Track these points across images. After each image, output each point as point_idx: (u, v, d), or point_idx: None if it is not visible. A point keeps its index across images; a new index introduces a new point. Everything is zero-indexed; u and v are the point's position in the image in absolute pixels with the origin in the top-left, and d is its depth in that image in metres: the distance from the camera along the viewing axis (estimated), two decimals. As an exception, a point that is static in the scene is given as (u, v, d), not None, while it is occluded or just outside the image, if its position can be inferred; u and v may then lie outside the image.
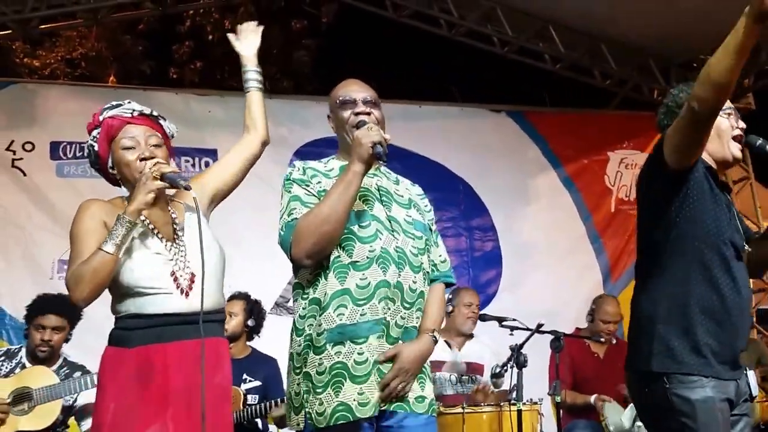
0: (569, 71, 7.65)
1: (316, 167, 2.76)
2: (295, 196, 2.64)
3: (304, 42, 11.98)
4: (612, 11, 6.80)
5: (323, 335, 2.51)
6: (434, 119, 7.33)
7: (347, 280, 2.54)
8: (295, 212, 2.59)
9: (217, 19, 11.32)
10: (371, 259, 2.56)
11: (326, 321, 2.52)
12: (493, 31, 7.34)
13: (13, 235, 6.25)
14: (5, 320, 6.07)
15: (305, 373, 2.54)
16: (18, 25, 6.77)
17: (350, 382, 2.47)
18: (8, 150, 6.38)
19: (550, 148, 7.50)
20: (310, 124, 7.00)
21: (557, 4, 6.91)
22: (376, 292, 2.53)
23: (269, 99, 7.25)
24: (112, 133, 2.65)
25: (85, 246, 2.51)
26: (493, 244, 7.24)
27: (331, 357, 2.50)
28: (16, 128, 6.46)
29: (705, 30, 6.80)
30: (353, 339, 2.50)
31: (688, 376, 2.45)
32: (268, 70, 11.56)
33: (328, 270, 2.56)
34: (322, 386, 2.48)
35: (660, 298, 2.56)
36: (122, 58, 11.51)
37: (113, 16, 7.59)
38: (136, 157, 2.61)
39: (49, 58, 11.21)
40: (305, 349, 2.55)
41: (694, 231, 2.52)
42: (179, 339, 2.55)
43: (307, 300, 2.60)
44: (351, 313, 2.51)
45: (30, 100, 6.62)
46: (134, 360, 2.51)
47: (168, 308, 2.54)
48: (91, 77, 11.03)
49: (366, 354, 2.50)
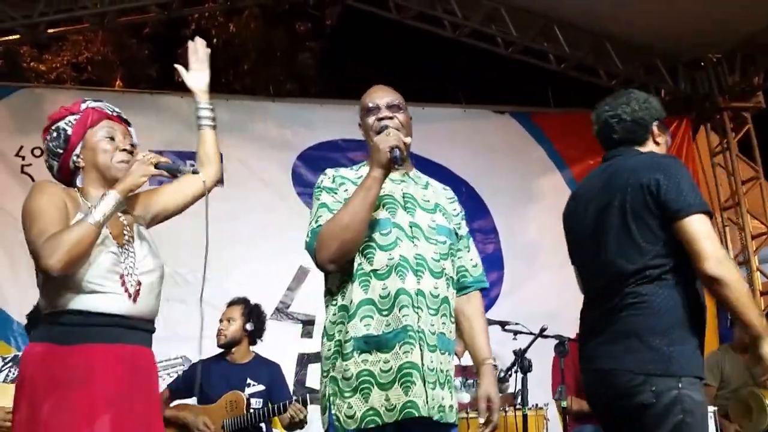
0: (574, 71, 7.63)
1: (345, 175, 2.81)
2: (323, 204, 2.70)
3: (308, 44, 11.98)
4: (617, 9, 6.78)
5: (350, 342, 2.58)
6: (437, 121, 7.29)
7: (370, 289, 2.61)
8: (321, 219, 2.65)
9: (222, 22, 11.35)
10: (390, 268, 2.62)
11: (353, 329, 2.59)
12: (497, 31, 7.32)
13: (20, 241, 6.18)
14: (12, 326, 6.09)
15: (332, 377, 2.62)
16: (26, 29, 6.81)
17: (377, 388, 2.55)
18: (18, 156, 6.41)
19: (555, 149, 7.46)
20: (314, 127, 7.02)
21: (561, 2, 6.89)
22: (396, 300, 2.59)
23: (273, 102, 7.38)
24: (90, 122, 2.70)
25: (49, 219, 2.49)
26: (495, 247, 7.18)
27: (358, 364, 2.57)
28: (25, 133, 6.46)
29: (713, 28, 6.83)
30: (379, 349, 2.57)
31: (696, 379, 2.64)
32: (273, 73, 11.59)
33: (353, 277, 2.63)
34: (350, 391, 2.56)
35: (669, 305, 2.67)
36: (128, 62, 11.53)
37: (119, 20, 7.62)
38: (113, 147, 2.67)
39: (55, 62, 11.23)
40: (334, 353, 2.63)
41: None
42: (121, 342, 2.54)
43: (336, 306, 2.67)
44: (377, 323, 2.59)
45: (39, 105, 6.60)
46: (72, 358, 2.47)
47: (115, 309, 2.53)
48: (97, 81, 11.06)
49: (391, 362, 2.56)
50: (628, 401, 2.65)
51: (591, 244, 2.89)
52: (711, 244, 2.61)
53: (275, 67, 11.70)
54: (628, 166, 2.85)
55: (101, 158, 2.67)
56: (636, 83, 7.68)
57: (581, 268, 3.04)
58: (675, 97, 7.82)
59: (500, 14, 7.10)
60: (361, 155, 6.93)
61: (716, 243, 2.65)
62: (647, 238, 2.70)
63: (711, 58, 7.56)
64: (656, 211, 2.68)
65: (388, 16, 7.43)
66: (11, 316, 6.12)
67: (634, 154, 2.93)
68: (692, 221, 2.62)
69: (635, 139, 2.99)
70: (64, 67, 11.24)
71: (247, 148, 6.91)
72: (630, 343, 2.67)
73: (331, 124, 7.06)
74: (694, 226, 2.62)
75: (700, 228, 2.62)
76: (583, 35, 7.31)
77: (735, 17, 6.60)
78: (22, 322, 5.83)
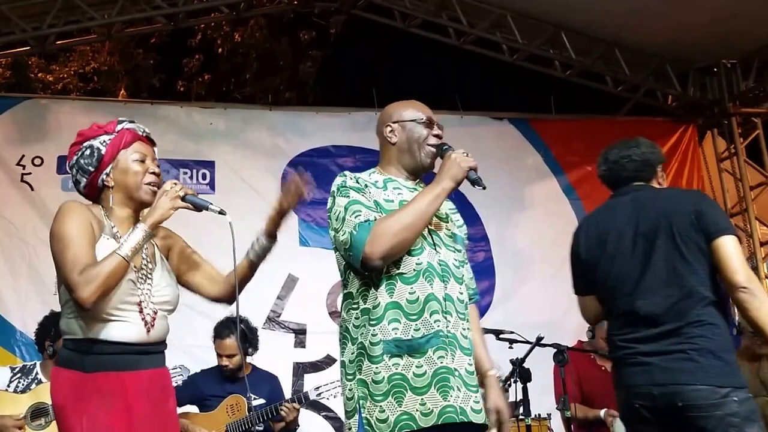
0: (580, 78, 7.60)
1: (365, 179, 2.81)
2: (356, 200, 2.68)
3: (311, 53, 12.01)
4: (629, 17, 6.74)
5: (379, 345, 2.56)
6: (434, 128, 7.23)
7: (396, 293, 2.61)
8: (361, 215, 2.63)
9: (227, 32, 11.40)
10: (418, 272, 2.64)
11: (382, 332, 2.58)
12: (503, 38, 7.31)
13: (19, 250, 6.28)
14: (15, 336, 6.08)
15: (360, 380, 2.59)
16: (36, 41, 6.88)
17: (411, 393, 2.53)
18: (18, 165, 6.44)
19: (553, 155, 7.38)
20: (307, 134, 7.01)
21: (569, 10, 6.86)
22: (426, 306, 2.61)
23: (270, 111, 7.39)
24: (124, 143, 2.72)
25: (80, 247, 2.53)
26: (485, 255, 7.10)
27: (389, 368, 2.55)
28: (27, 143, 6.52)
29: (725, 33, 6.79)
30: (410, 353, 2.56)
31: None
32: (274, 81, 11.62)
33: (378, 281, 2.63)
34: (382, 395, 2.54)
35: (724, 323, 3.01)
36: (133, 72, 11.59)
37: (126, 31, 7.66)
38: (143, 169, 2.71)
39: (62, 73, 11.29)
40: (358, 357, 2.60)
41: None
42: (136, 369, 2.61)
43: (358, 310, 2.65)
44: (404, 327, 2.58)
45: (42, 115, 6.68)
46: (94, 385, 2.54)
47: (131, 338, 2.59)
48: (102, 91, 11.13)
49: (425, 367, 2.56)
50: (712, 412, 2.86)
51: (633, 269, 3.11)
52: (742, 261, 3.01)
53: (277, 76, 11.74)
54: (665, 196, 3.23)
55: (131, 180, 2.70)
56: (643, 89, 7.66)
57: (614, 291, 3.19)
58: (683, 104, 7.77)
59: (506, 21, 7.08)
60: (351, 161, 7.01)
61: (745, 261, 3.05)
62: (698, 260, 3.00)
63: (725, 64, 7.52)
64: (700, 235, 3.01)
65: (394, 25, 7.43)
66: (14, 325, 6.11)
67: (658, 189, 3.30)
68: (726, 241, 2.99)
69: (643, 178, 3.32)
70: (71, 78, 11.29)
71: (239, 155, 6.95)
72: (707, 360, 2.91)
73: (323, 131, 7.07)
74: (728, 244, 2.98)
75: (733, 247, 2.99)
76: (590, 42, 7.28)
77: (751, 23, 6.57)
78: (25, 331, 5.86)
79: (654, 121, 7.78)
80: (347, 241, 2.61)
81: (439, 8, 7.16)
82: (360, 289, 2.66)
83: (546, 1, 6.84)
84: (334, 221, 2.70)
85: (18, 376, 4.50)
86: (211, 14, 8.04)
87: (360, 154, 6.88)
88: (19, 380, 4.48)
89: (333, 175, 2.88)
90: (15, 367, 4.66)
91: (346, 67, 11.97)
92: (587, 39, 7.25)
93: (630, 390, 3.10)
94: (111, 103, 7.91)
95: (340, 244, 2.66)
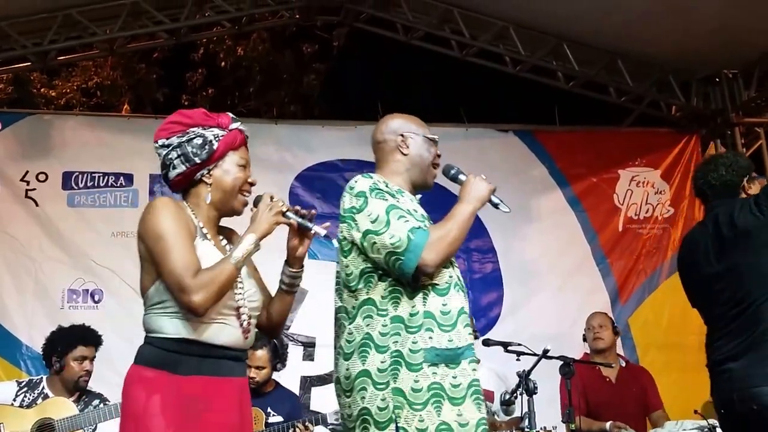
0: (583, 89, 7.60)
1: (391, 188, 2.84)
2: (395, 206, 2.71)
3: (314, 66, 12.03)
4: (631, 28, 6.73)
5: (419, 353, 2.58)
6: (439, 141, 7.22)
7: (429, 303, 2.65)
8: (409, 221, 2.66)
9: (230, 45, 11.42)
10: (449, 285, 2.73)
11: (422, 340, 2.60)
12: (506, 50, 7.32)
13: (25, 265, 6.29)
14: (21, 349, 6.08)
15: (395, 389, 2.58)
16: (37, 57, 6.90)
17: (449, 403, 2.56)
18: (22, 181, 6.44)
19: (557, 166, 7.34)
20: (313, 149, 7.00)
21: (571, 21, 6.85)
22: (459, 318, 2.67)
23: (276, 124, 7.38)
24: (235, 144, 2.67)
25: (186, 248, 2.43)
26: (493, 266, 7.07)
27: (428, 377, 2.58)
28: (31, 159, 6.53)
29: (727, 43, 6.79)
30: (447, 363, 2.60)
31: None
32: (278, 95, 11.63)
33: (409, 288, 2.65)
34: (421, 404, 2.56)
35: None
36: (137, 86, 11.61)
37: (128, 47, 7.68)
38: (244, 176, 2.66)
39: (65, 88, 11.31)
40: (393, 365, 2.59)
41: None
42: (232, 375, 2.54)
43: (387, 317, 2.64)
44: (438, 337, 2.62)
45: (45, 131, 6.69)
46: (187, 388, 2.42)
47: (231, 342, 2.51)
48: (105, 106, 11.13)
49: (460, 378, 2.60)
50: None
51: (720, 281, 3.30)
52: None
53: (281, 89, 11.76)
54: (736, 211, 3.38)
55: (231, 184, 2.63)
56: (646, 99, 7.66)
57: (704, 303, 3.45)
58: (686, 114, 7.77)
59: (509, 33, 7.09)
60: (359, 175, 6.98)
61: None
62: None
63: (727, 74, 7.51)
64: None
65: (396, 38, 7.45)
66: (20, 339, 6.10)
67: (732, 202, 3.42)
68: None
69: (727, 196, 3.48)
70: (74, 93, 11.31)
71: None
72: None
73: (330, 144, 7.06)
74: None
75: None
76: (593, 53, 7.28)
77: (753, 34, 6.56)
78: (32, 345, 5.87)
79: (658, 132, 7.77)
80: (400, 245, 2.59)
81: (441, 21, 7.17)
82: (388, 296, 2.65)
83: (548, 13, 6.83)
84: (368, 222, 2.67)
85: (24, 391, 4.51)
86: (213, 28, 8.05)
87: (368, 168, 6.77)
88: (25, 395, 4.49)
89: (341, 189, 2.88)
90: (21, 382, 4.68)
91: (350, 79, 11.98)
92: (590, 50, 7.25)
93: (716, 397, 3.27)
94: (115, 118, 7.95)
95: (381, 247, 2.63)
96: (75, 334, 4.65)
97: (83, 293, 6.26)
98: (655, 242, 7.22)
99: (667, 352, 6.75)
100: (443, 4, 7.03)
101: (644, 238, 7.23)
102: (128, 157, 6.60)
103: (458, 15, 7.03)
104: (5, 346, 6.07)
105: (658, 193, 7.38)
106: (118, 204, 6.53)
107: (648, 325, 6.96)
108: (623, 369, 5.32)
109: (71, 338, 4.59)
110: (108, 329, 5.09)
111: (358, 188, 2.77)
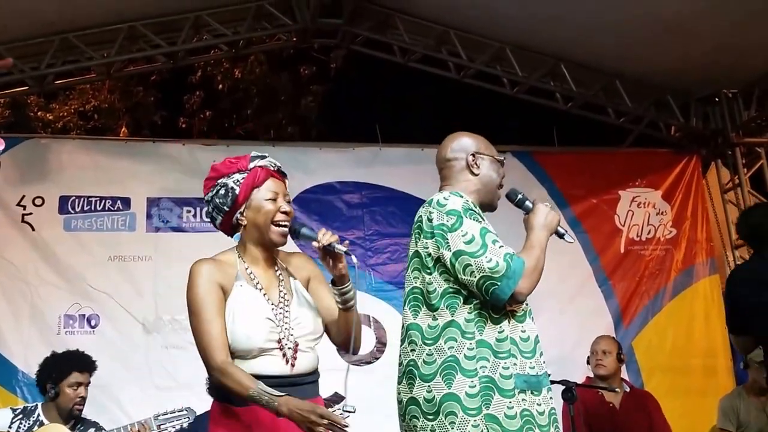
0: (582, 110, 7.59)
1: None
2: (488, 229, 2.73)
3: (311, 88, 12.06)
4: (628, 49, 6.75)
5: (510, 379, 2.59)
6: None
7: (510, 329, 2.67)
8: (502, 247, 2.68)
9: (227, 68, 11.45)
10: (525, 312, 2.75)
11: (512, 366, 2.60)
12: (503, 71, 7.31)
13: (21, 290, 6.22)
14: (17, 376, 6.00)
15: (488, 415, 2.57)
16: (34, 81, 6.88)
17: (538, 430, 2.60)
18: (19, 205, 6.38)
19: (557, 188, 7.27)
20: (311, 170, 6.94)
21: (568, 42, 6.87)
22: (536, 345, 2.70)
23: (273, 147, 7.35)
24: (257, 182, 2.77)
25: (209, 322, 2.60)
26: (495, 289, 7.04)
27: (520, 403, 2.60)
28: (27, 183, 6.47)
29: (726, 63, 6.79)
30: (532, 390, 2.62)
31: None
32: (275, 117, 11.64)
33: (494, 314, 2.66)
34: (515, 431, 2.55)
35: None
36: (134, 109, 11.62)
37: (126, 70, 7.67)
38: (275, 208, 2.76)
39: (62, 111, 11.32)
40: (484, 390, 2.58)
41: None
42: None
43: (472, 341, 2.62)
44: (521, 364, 2.63)
45: (42, 155, 6.63)
46: (244, 417, 2.60)
47: (273, 371, 2.61)
48: (103, 129, 11.15)
49: (543, 406, 2.64)
50: None
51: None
52: None
53: (278, 111, 11.78)
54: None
55: (261, 219, 2.75)
56: (645, 120, 7.65)
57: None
58: (686, 134, 7.76)
59: (506, 54, 7.09)
60: (357, 197, 6.98)
61: None
62: None
63: (726, 94, 7.51)
64: None
65: (394, 60, 7.45)
66: (16, 365, 6.03)
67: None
68: None
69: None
70: (71, 116, 11.32)
71: None
72: None
73: (327, 166, 7.01)
74: None
75: None
76: (591, 74, 7.28)
77: (751, 53, 6.57)
78: (28, 372, 5.82)
79: (657, 153, 7.76)
80: (498, 270, 2.60)
81: (438, 43, 7.17)
82: (473, 320, 2.64)
83: (545, 34, 6.84)
84: (461, 242, 2.66)
85: (19, 418, 4.48)
86: (211, 51, 8.06)
87: (366, 190, 6.83)
88: (20, 422, 4.46)
89: (339, 211, 2.89)
90: (16, 409, 4.64)
91: (347, 101, 12.01)
92: (587, 71, 7.25)
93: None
94: (113, 142, 7.90)
95: (476, 269, 2.62)
96: (69, 360, 4.63)
97: (80, 318, 6.20)
98: (658, 263, 7.15)
99: (672, 376, 6.69)
100: (440, 26, 7.02)
101: (647, 260, 7.17)
102: (125, 181, 6.58)
103: (455, 37, 7.03)
104: (1, 372, 6.00)
105: (660, 214, 7.34)
106: (116, 228, 6.47)
107: (652, 349, 6.88)
108: (627, 395, 5.23)
109: (65, 365, 4.57)
110: (104, 354, 5.06)
111: (450, 206, 2.73)
